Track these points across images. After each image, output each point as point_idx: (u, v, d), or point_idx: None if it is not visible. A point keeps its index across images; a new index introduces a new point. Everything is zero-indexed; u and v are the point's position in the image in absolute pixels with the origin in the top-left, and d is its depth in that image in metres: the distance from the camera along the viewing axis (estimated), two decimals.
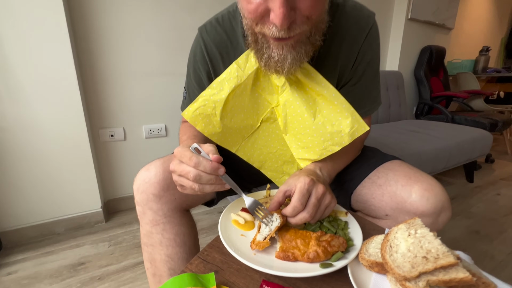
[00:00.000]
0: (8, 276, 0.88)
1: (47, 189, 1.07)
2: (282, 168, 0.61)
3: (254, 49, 0.43)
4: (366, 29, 0.49)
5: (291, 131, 0.52)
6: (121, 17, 1.12)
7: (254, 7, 0.35)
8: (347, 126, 0.45)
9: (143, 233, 0.53)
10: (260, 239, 0.38)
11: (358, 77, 0.52)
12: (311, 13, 0.35)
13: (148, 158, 1.31)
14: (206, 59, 0.54)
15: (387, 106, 1.88)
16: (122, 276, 0.88)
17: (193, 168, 0.37)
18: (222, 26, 0.52)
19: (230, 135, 0.55)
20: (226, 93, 0.48)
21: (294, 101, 0.48)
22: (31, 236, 1.07)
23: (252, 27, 0.39)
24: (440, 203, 0.47)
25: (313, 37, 0.40)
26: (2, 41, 0.90)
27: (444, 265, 0.27)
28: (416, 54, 2.22)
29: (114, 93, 1.19)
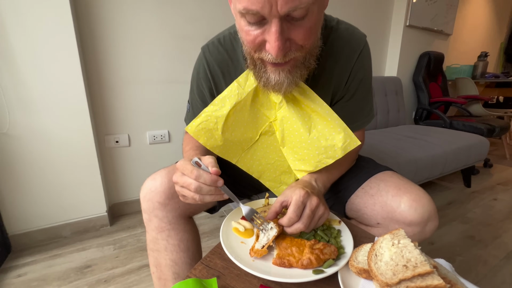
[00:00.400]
0: (18, 278, 0.92)
1: (55, 194, 1.11)
2: (280, 178, 0.64)
3: (252, 71, 0.46)
4: (357, 50, 0.52)
5: (288, 144, 0.55)
6: (126, 29, 1.17)
7: (252, 39, 0.38)
8: (340, 141, 0.49)
9: (149, 239, 0.56)
10: (259, 247, 0.42)
11: (351, 94, 0.56)
12: (304, 43, 0.39)
13: (152, 164, 1.36)
14: (208, 77, 0.57)
15: (385, 111, 1.91)
16: (127, 278, 0.92)
17: (194, 180, 0.40)
18: (224, 46, 0.56)
19: (231, 147, 0.59)
20: (227, 109, 0.51)
21: (290, 117, 0.51)
22: (39, 239, 1.11)
23: (251, 53, 0.42)
24: (427, 213, 0.50)
25: (307, 62, 0.43)
26: (14, 54, 0.94)
27: (421, 273, 0.30)
28: (415, 60, 2.26)
29: (119, 101, 1.23)
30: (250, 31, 0.38)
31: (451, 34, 2.42)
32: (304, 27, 0.37)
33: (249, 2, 0.34)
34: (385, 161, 1.14)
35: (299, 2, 0.33)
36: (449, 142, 1.43)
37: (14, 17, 0.92)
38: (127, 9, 1.15)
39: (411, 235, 0.52)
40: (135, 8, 1.16)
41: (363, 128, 0.63)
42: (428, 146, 1.35)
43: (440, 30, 2.29)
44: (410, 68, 2.26)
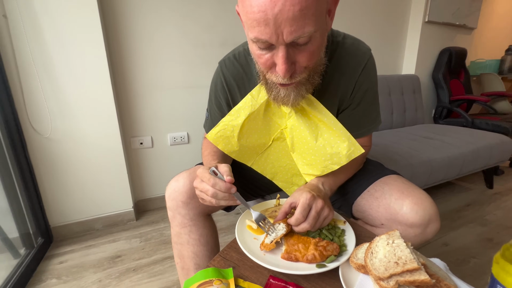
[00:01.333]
0: (61, 265, 1.05)
1: (88, 191, 1.24)
2: (291, 180, 0.69)
3: (264, 86, 0.52)
4: (362, 63, 0.56)
5: (297, 150, 0.60)
6: (149, 41, 1.26)
7: (264, 61, 0.44)
8: (344, 149, 0.53)
9: (174, 233, 0.64)
10: (268, 242, 0.48)
11: (356, 103, 0.60)
12: (308, 64, 0.44)
13: (173, 163, 1.46)
14: (225, 89, 0.63)
15: (402, 110, 1.88)
16: (153, 268, 1.02)
17: (211, 187, 0.47)
18: (239, 61, 0.62)
19: (246, 152, 0.64)
20: (242, 119, 0.57)
21: (299, 126, 0.56)
22: (76, 231, 1.25)
23: (263, 72, 0.48)
24: (428, 215, 0.53)
25: (312, 78, 0.48)
26: (54, 67, 1.06)
27: (409, 269, 0.34)
28: (435, 57, 2.19)
29: (143, 106, 1.33)
30: (261, 55, 0.44)
31: (475, 27, 2.31)
32: (307, 51, 0.42)
33: (259, 33, 0.39)
34: (398, 163, 1.15)
35: (302, 32, 0.38)
36: (467, 143, 1.40)
37: (54, 37, 1.04)
38: (150, 22, 1.24)
39: (413, 236, 0.55)
40: (157, 21, 1.25)
41: (370, 134, 0.66)
42: (445, 147, 1.33)
43: (463, 24, 2.19)
44: (429, 65, 2.19)
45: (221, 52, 1.40)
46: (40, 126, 1.09)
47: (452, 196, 1.58)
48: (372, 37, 1.92)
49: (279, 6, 0.36)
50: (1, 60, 0.98)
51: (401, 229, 0.55)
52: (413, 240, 0.56)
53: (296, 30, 0.38)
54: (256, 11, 0.37)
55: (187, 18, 1.30)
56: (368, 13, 1.83)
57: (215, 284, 0.40)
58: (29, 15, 0.99)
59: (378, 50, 1.98)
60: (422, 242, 0.57)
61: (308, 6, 0.37)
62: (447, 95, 2.12)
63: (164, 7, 1.25)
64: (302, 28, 0.38)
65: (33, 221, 1.11)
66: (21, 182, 1.06)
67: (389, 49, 2.06)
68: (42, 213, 1.15)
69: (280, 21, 0.37)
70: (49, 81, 1.06)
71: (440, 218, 0.57)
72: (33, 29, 1.00)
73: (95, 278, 0.97)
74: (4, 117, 0.99)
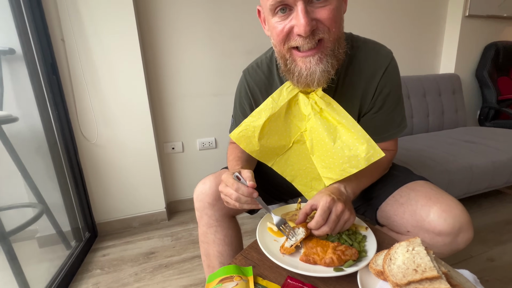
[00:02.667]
0: (104, 257, 1.17)
1: (127, 191, 1.36)
2: (311, 184, 0.69)
3: (285, 72, 0.53)
4: (383, 67, 0.56)
5: (316, 153, 0.60)
6: (181, 53, 1.36)
7: (281, 28, 0.46)
8: (363, 152, 0.52)
9: (201, 233, 0.68)
10: (288, 245, 0.49)
11: (378, 107, 0.59)
12: (330, 24, 0.45)
13: (201, 167, 1.54)
14: (249, 95, 0.67)
15: (439, 113, 1.75)
16: (182, 266, 1.08)
17: (235, 192, 0.50)
18: (261, 68, 0.65)
19: (267, 153, 0.66)
20: (263, 120, 0.58)
21: (317, 128, 0.56)
22: (117, 227, 1.38)
23: (281, 51, 0.50)
24: (458, 224, 0.50)
25: (337, 51, 0.48)
26: (100, 82, 1.20)
27: (428, 277, 0.34)
28: (478, 53, 2.00)
29: (175, 113, 1.44)
30: (279, 24, 0.46)
31: None
32: (326, 8, 0.43)
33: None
34: (432, 169, 1.08)
35: None
36: None
37: (101, 56, 1.18)
38: (181, 36, 1.34)
39: (442, 245, 0.52)
40: (187, 35, 1.35)
41: (395, 138, 0.64)
42: (489, 151, 1.21)
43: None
44: (471, 63, 2.01)
45: (247, 60, 1.44)
46: (88, 133, 1.24)
47: (501, 207, 1.42)
48: (405, 35, 1.82)
49: None
50: (59, 78, 1.14)
51: (428, 237, 0.53)
52: (442, 249, 0.53)
53: None
54: None
55: (215, 29, 1.38)
56: (400, 10, 1.75)
57: (235, 280, 0.42)
58: (82, 38, 1.14)
59: (410, 50, 1.87)
60: (452, 251, 0.54)
61: None
62: (494, 95, 1.92)
63: (193, 22, 1.35)
64: None
65: (82, 217, 1.26)
66: (73, 182, 1.21)
67: (424, 47, 1.94)
68: (89, 211, 1.30)
69: None
70: (96, 94, 1.21)
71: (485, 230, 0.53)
72: (84, 50, 1.15)
73: (132, 272, 1.07)
74: (61, 126, 1.15)
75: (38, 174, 1.07)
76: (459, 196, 1.14)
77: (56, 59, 1.13)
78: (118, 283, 1.01)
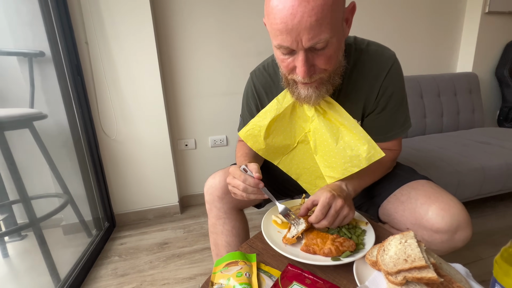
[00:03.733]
0: (121, 246, 1.25)
1: (143, 185, 1.44)
2: (315, 182, 0.73)
3: (287, 88, 0.58)
4: (386, 69, 0.58)
5: (319, 153, 0.63)
6: (193, 53, 1.42)
7: (286, 65, 0.50)
8: (364, 152, 0.55)
9: (210, 224, 0.73)
10: (289, 236, 0.53)
11: (381, 108, 0.61)
12: (326, 67, 0.49)
13: (213, 164, 1.60)
14: (255, 96, 0.71)
15: (454, 113, 1.71)
16: (194, 256, 1.14)
17: (242, 183, 0.54)
18: (267, 71, 0.69)
19: (272, 151, 0.70)
20: (268, 120, 0.62)
21: (321, 129, 0.59)
22: (133, 219, 1.46)
23: (285, 75, 0.54)
24: (456, 222, 0.52)
25: (332, 79, 0.53)
26: (119, 81, 1.28)
27: (417, 266, 0.36)
28: (498, 52, 1.93)
29: (188, 111, 1.50)
30: (284, 59, 0.50)
31: None
32: (325, 55, 0.47)
33: (282, 41, 0.46)
34: (442, 169, 1.07)
35: (318, 39, 0.44)
36: None
37: (120, 58, 1.26)
38: (194, 38, 1.40)
39: (439, 242, 0.54)
40: (201, 37, 1.41)
41: (399, 138, 0.66)
42: (504, 153, 1.18)
43: None
44: (491, 62, 1.94)
45: (258, 61, 1.46)
46: (108, 130, 1.32)
47: None
48: (420, 32, 1.78)
49: (298, 18, 0.42)
50: (83, 78, 1.23)
51: (426, 234, 0.55)
52: (440, 246, 0.54)
53: (313, 37, 0.43)
54: (279, 23, 0.44)
55: (227, 32, 1.43)
56: (416, 6, 1.71)
57: (240, 264, 0.47)
58: (103, 41, 1.22)
59: (426, 48, 1.83)
60: (450, 249, 0.55)
61: (323, 17, 0.42)
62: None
63: (207, 25, 1.40)
64: (318, 35, 0.43)
65: (102, 208, 1.35)
66: (94, 175, 1.30)
67: (441, 45, 1.89)
68: (108, 202, 1.39)
69: (299, 30, 0.43)
70: (116, 93, 1.29)
71: (498, 233, 0.55)
72: (106, 52, 1.23)
73: (147, 260, 1.14)
74: (84, 123, 1.24)
75: (64, 167, 1.16)
76: (470, 197, 1.13)
77: (80, 60, 1.21)
78: (134, 269, 1.08)
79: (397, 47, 1.88)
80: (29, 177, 0.97)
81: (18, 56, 1.05)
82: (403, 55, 1.82)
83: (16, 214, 1.02)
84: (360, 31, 0.78)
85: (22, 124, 0.99)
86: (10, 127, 0.93)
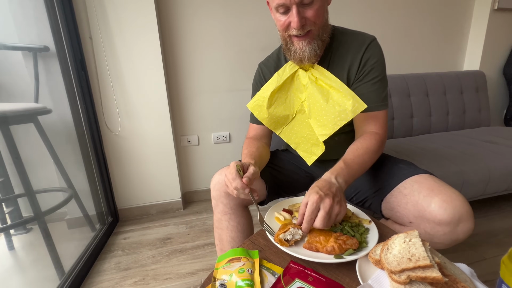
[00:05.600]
0: (124, 240, 1.26)
1: (146, 180, 1.45)
2: (311, 150, 0.76)
3: (286, 51, 0.68)
4: (366, 43, 0.67)
5: (313, 115, 0.70)
6: (197, 49, 1.42)
7: (282, 23, 0.62)
8: (350, 105, 0.63)
9: (215, 219, 0.73)
10: (282, 237, 0.50)
11: (364, 75, 0.67)
12: (315, 20, 0.60)
13: (216, 160, 1.60)
14: (261, 77, 0.81)
15: (460, 111, 1.69)
16: (196, 251, 1.15)
17: (233, 182, 0.56)
18: (271, 58, 0.81)
19: (274, 121, 0.76)
20: (270, 91, 0.72)
21: (314, 93, 0.68)
22: (136, 214, 1.47)
23: (283, 35, 0.65)
24: (458, 214, 0.52)
25: (321, 35, 0.64)
26: (123, 77, 1.28)
27: (421, 265, 0.36)
28: (507, 50, 1.89)
29: (191, 108, 1.50)
30: (281, 19, 0.61)
31: None
32: (313, 9, 0.59)
33: (279, 1, 0.58)
34: (446, 168, 1.06)
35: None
36: None
37: (124, 53, 1.26)
38: (198, 35, 1.39)
39: (441, 234, 0.54)
40: (204, 33, 1.40)
41: (382, 119, 0.67)
42: (510, 153, 1.16)
43: None
44: (499, 60, 1.91)
45: (261, 56, 1.46)
46: (112, 125, 1.33)
47: None
48: (427, 30, 1.75)
49: None
50: (87, 73, 1.23)
51: (429, 226, 0.55)
52: (442, 239, 0.55)
53: None
54: None
55: (231, 27, 1.42)
56: (422, 2, 1.68)
57: (242, 260, 0.47)
58: (107, 36, 1.22)
59: (433, 45, 1.80)
60: (452, 242, 0.55)
61: None
62: None
63: (210, 21, 1.39)
64: None
65: (105, 203, 1.36)
66: (98, 170, 1.31)
67: (448, 43, 1.85)
68: (112, 197, 1.40)
69: None
70: (120, 88, 1.29)
71: (503, 234, 0.55)
72: (109, 48, 1.23)
73: (149, 254, 1.15)
74: (88, 118, 1.24)
75: (68, 162, 1.17)
76: (475, 197, 1.11)
77: (84, 55, 1.21)
78: (137, 263, 1.10)
79: (403, 44, 1.87)
80: (34, 171, 0.98)
81: (23, 50, 1.05)
82: (408, 52, 1.80)
83: (21, 208, 1.03)
84: (366, 28, 0.79)
85: (27, 118, 0.99)
86: (15, 121, 0.94)
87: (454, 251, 1.06)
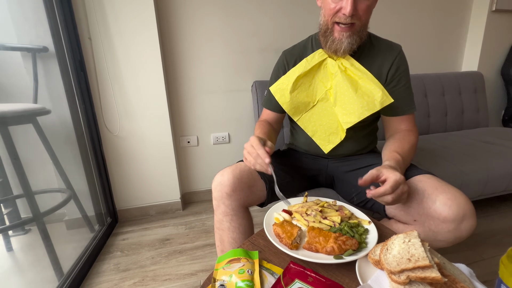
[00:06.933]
0: (123, 241, 1.26)
1: (146, 181, 1.45)
2: (328, 138, 0.79)
3: (322, 37, 0.70)
4: (397, 50, 0.73)
5: (339, 103, 0.73)
6: (196, 50, 1.42)
7: (333, 7, 0.63)
8: (379, 97, 0.67)
9: (217, 220, 0.73)
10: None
11: (397, 81, 0.73)
12: (363, 15, 0.63)
13: (215, 161, 1.60)
14: (284, 64, 0.82)
15: (459, 112, 1.69)
16: (195, 252, 1.15)
17: (256, 151, 0.59)
18: (297, 46, 0.83)
19: (295, 106, 0.78)
20: (296, 75, 0.74)
21: (342, 82, 0.71)
22: (135, 215, 1.47)
23: (327, 21, 0.66)
24: (462, 211, 0.53)
25: (361, 32, 0.67)
26: (122, 78, 1.28)
27: (421, 265, 0.36)
28: (505, 51, 1.91)
29: (190, 108, 1.50)
30: (332, 4, 0.63)
31: None
32: (365, 3, 0.62)
33: None
34: (445, 169, 1.07)
35: None
36: None
37: (124, 54, 1.25)
38: (197, 36, 1.39)
39: (446, 231, 0.55)
40: (204, 34, 1.40)
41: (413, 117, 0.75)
42: (508, 153, 1.17)
43: None
44: (497, 60, 1.92)
45: (260, 57, 1.49)
46: (111, 126, 1.33)
47: None
48: (425, 30, 1.76)
49: None
50: (86, 74, 1.23)
51: (433, 224, 0.56)
52: (446, 236, 0.55)
53: None
54: None
55: (230, 28, 1.42)
56: (421, 3, 1.69)
57: (242, 261, 0.47)
58: (106, 36, 1.22)
59: (431, 46, 1.81)
60: (456, 239, 0.56)
61: None
62: None
63: (210, 22, 1.39)
64: None
65: (104, 203, 1.36)
66: (97, 171, 1.30)
67: (446, 44, 1.86)
68: (111, 198, 1.40)
69: None
70: (119, 89, 1.29)
71: (501, 234, 0.57)
72: (109, 48, 1.23)
73: (149, 255, 1.15)
74: (87, 119, 1.24)
75: (67, 162, 1.17)
76: (473, 198, 1.12)
77: (83, 56, 1.21)
78: (136, 264, 1.09)
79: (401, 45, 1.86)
80: (33, 172, 0.98)
81: (21, 51, 1.05)
82: (407, 53, 1.79)
83: (19, 209, 1.03)
84: None
85: (26, 119, 0.99)
86: (14, 122, 0.93)
87: (453, 251, 1.06)
